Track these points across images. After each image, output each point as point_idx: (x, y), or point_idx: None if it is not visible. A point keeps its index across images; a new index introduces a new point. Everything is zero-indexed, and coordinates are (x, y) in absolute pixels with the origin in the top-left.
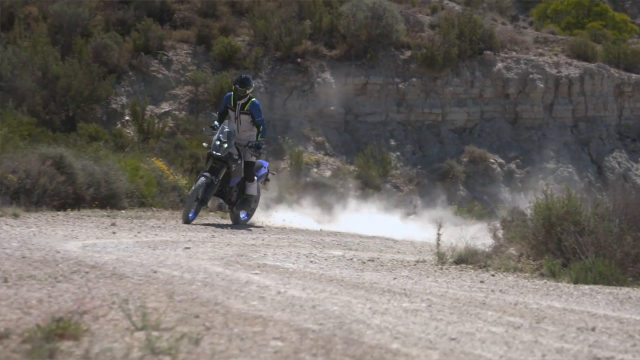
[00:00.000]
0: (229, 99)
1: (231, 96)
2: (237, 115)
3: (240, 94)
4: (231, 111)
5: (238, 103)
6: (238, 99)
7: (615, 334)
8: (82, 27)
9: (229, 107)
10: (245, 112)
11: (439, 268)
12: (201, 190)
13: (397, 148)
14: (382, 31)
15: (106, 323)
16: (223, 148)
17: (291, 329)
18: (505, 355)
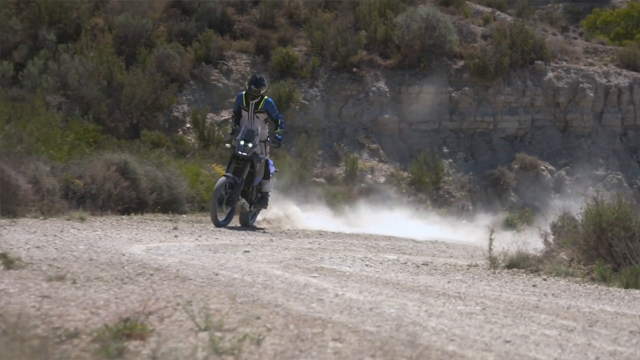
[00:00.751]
0: (241, 100)
1: (243, 96)
2: (251, 115)
3: (254, 93)
4: (244, 111)
5: (251, 103)
6: (251, 99)
7: None
8: (146, 37)
9: (242, 107)
10: (259, 110)
11: (491, 272)
12: (222, 190)
13: (449, 155)
14: (436, 41)
15: (171, 324)
16: (248, 148)
17: (350, 330)
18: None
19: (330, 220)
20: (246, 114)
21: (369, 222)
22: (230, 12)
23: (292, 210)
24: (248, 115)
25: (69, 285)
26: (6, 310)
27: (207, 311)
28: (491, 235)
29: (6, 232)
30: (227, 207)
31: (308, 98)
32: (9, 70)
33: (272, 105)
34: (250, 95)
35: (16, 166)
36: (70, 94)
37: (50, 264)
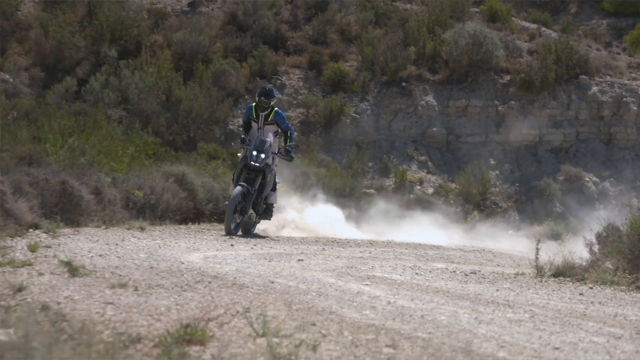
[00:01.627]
0: (250, 111)
1: (252, 108)
2: (261, 126)
3: (264, 105)
4: (254, 123)
5: (261, 114)
6: (261, 110)
7: None
8: (203, 54)
9: (251, 119)
10: (269, 122)
11: (538, 280)
12: (239, 198)
13: (496, 167)
14: (483, 57)
15: (230, 330)
16: (261, 158)
17: (402, 337)
18: None
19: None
20: (256, 126)
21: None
22: (284, 29)
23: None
24: (258, 127)
25: (131, 292)
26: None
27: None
28: (537, 245)
29: (70, 241)
30: (239, 216)
31: (359, 112)
32: (72, 86)
33: (282, 117)
34: (260, 107)
35: (79, 178)
36: (130, 108)
37: (113, 272)
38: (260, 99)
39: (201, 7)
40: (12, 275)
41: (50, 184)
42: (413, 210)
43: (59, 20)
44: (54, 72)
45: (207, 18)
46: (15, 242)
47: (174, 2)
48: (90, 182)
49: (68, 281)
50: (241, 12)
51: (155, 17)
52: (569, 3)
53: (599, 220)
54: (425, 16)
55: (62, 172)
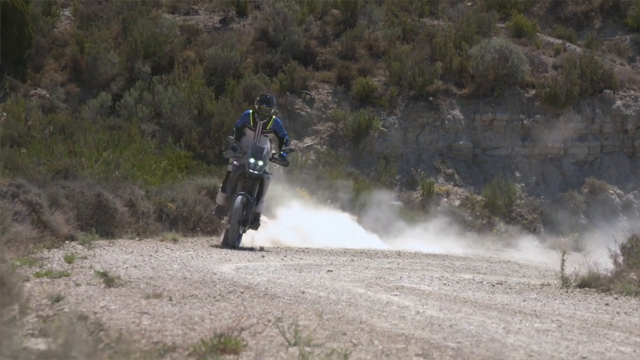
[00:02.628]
0: (247, 118)
1: (250, 115)
2: (258, 135)
3: (264, 113)
4: (249, 130)
5: (259, 122)
6: (261, 119)
7: None
8: (234, 69)
9: (247, 126)
10: (267, 131)
11: (564, 291)
12: (241, 209)
13: (521, 179)
14: (509, 71)
15: (262, 339)
16: (259, 166)
17: (431, 346)
18: None
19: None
20: (251, 133)
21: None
22: (313, 45)
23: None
24: (255, 135)
25: (166, 302)
26: (109, 326)
27: (296, 327)
28: (563, 256)
29: (105, 252)
30: (241, 227)
31: (387, 125)
32: (107, 101)
33: (280, 125)
34: (260, 115)
35: (114, 190)
36: (163, 122)
37: (148, 282)
38: (262, 106)
39: (232, 24)
40: (49, 286)
41: (85, 197)
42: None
43: (94, 37)
44: (89, 88)
45: (238, 34)
46: (52, 254)
47: (206, 19)
48: (124, 194)
49: (104, 291)
50: (271, 28)
51: (187, 33)
52: (593, 19)
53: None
54: (452, 32)
55: (97, 185)
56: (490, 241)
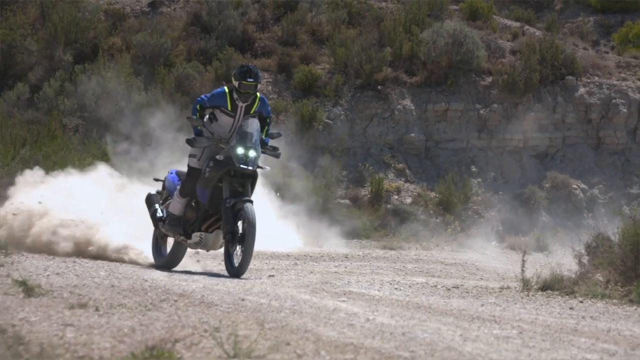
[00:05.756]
0: (222, 99)
1: (226, 95)
2: (237, 122)
3: (249, 91)
4: (225, 116)
5: (240, 106)
6: (243, 100)
7: None
8: (165, 57)
9: (222, 110)
10: (250, 116)
11: (525, 295)
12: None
13: (478, 174)
14: (463, 57)
15: (198, 351)
16: (251, 158)
17: (383, 356)
18: None
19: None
20: (227, 120)
21: None
22: (251, 30)
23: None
24: (233, 122)
25: (92, 313)
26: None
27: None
28: (523, 257)
29: (24, 259)
30: (237, 246)
31: (332, 117)
32: (24, 93)
33: (267, 104)
34: (242, 95)
35: None
36: (87, 115)
37: (72, 291)
38: (244, 81)
39: (162, 8)
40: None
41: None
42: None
43: (9, 22)
44: (5, 78)
45: (169, 19)
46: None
47: (133, 3)
48: None
49: (23, 302)
50: (205, 12)
51: (113, 18)
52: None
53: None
54: (402, 15)
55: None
56: (444, 241)
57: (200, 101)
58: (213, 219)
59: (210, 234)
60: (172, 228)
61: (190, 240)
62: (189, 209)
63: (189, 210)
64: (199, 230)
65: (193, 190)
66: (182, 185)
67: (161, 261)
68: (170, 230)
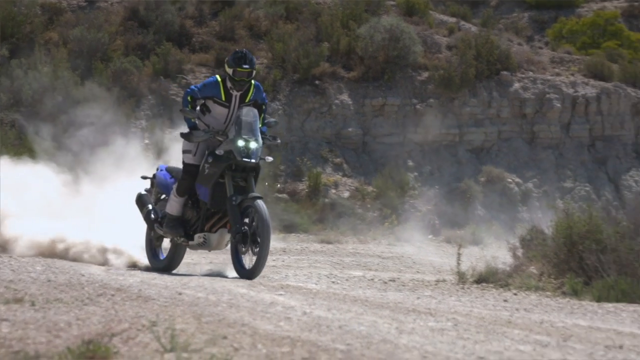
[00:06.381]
0: (215, 89)
1: (219, 83)
2: (232, 112)
3: (244, 78)
4: (219, 107)
5: (234, 95)
6: (238, 88)
7: None
8: (102, 51)
9: (215, 100)
10: (246, 104)
11: (460, 287)
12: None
13: (415, 169)
14: (400, 53)
15: (135, 345)
16: (253, 150)
17: (319, 349)
18: None
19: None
20: (222, 111)
21: None
22: (188, 25)
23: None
24: (228, 113)
25: (28, 308)
26: None
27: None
28: (459, 250)
29: None
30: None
31: (269, 112)
32: None
33: (261, 91)
34: (237, 83)
35: None
36: (24, 110)
37: (7, 286)
38: (239, 68)
39: (100, 2)
40: None
41: None
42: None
43: None
44: None
45: (106, 14)
46: None
47: None
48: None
49: None
50: (143, 7)
51: (49, 12)
52: None
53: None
54: (339, 10)
55: None
56: (381, 235)
57: (190, 92)
58: (216, 218)
59: (214, 234)
60: (172, 230)
61: (192, 242)
62: (187, 209)
63: (187, 209)
64: (202, 231)
65: (191, 188)
66: (178, 184)
67: (158, 264)
68: (170, 233)
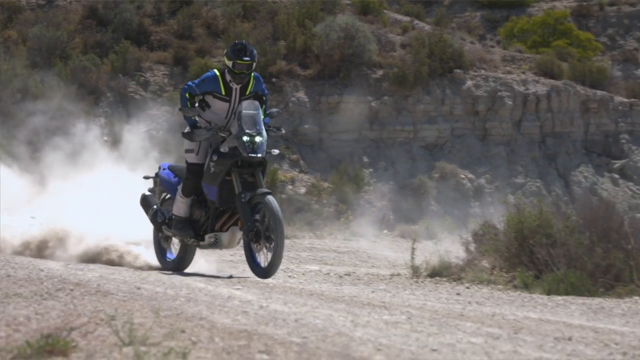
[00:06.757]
0: (215, 83)
1: (218, 78)
2: (233, 106)
3: (245, 71)
4: (219, 102)
5: (234, 88)
6: (238, 81)
7: (591, 344)
8: (61, 49)
9: (215, 95)
10: (246, 97)
11: (414, 281)
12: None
13: (370, 165)
14: (355, 51)
15: (94, 339)
16: (258, 144)
17: (275, 342)
18: None
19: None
20: (222, 105)
21: None
22: (147, 23)
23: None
24: (229, 107)
25: None
26: None
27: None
28: (413, 244)
29: None
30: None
31: None
32: None
33: (261, 82)
34: (237, 76)
35: None
36: None
37: None
38: (239, 60)
39: (58, 1)
40: None
41: None
42: None
43: None
44: None
45: (65, 12)
46: None
47: None
48: None
49: None
50: (101, 5)
51: (8, 10)
52: None
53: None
54: (295, 9)
55: None
56: (337, 230)
57: (188, 88)
58: (226, 216)
59: (224, 233)
60: (181, 231)
61: (203, 242)
62: (195, 209)
63: (195, 209)
64: (212, 231)
65: (197, 188)
66: (183, 185)
67: (168, 265)
68: (179, 234)
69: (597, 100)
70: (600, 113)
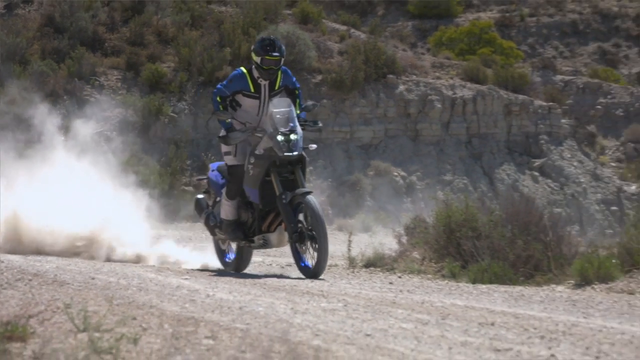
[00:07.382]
0: (243, 81)
1: (246, 75)
2: (264, 102)
3: (273, 67)
4: (249, 99)
5: (262, 84)
6: (266, 77)
7: (512, 328)
8: (20, 55)
9: (244, 93)
10: (275, 92)
11: (350, 271)
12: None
13: (310, 163)
14: (296, 57)
15: (51, 326)
16: (294, 141)
17: (221, 328)
18: (416, 348)
19: None
20: (252, 103)
21: None
22: (101, 31)
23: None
24: (260, 104)
25: None
26: None
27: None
28: (350, 237)
29: None
30: (305, 244)
31: (177, 111)
32: None
33: (290, 76)
34: (265, 72)
35: None
36: None
37: None
38: (267, 56)
39: (17, 9)
40: None
41: None
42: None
43: None
44: None
45: (24, 20)
46: None
47: None
48: None
49: None
50: (58, 14)
51: None
52: (376, 5)
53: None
54: (240, 18)
55: None
56: None
57: (218, 92)
58: (272, 217)
59: (272, 233)
60: (231, 235)
61: (253, 244)
62: (242, 211)
63: (242, 211)
64: (260, 232)
65: (240, 190)
66: (227, 188)
67: (229, 266)
68: (230, 237)
69: (518, 103)
70: (521, 116)
